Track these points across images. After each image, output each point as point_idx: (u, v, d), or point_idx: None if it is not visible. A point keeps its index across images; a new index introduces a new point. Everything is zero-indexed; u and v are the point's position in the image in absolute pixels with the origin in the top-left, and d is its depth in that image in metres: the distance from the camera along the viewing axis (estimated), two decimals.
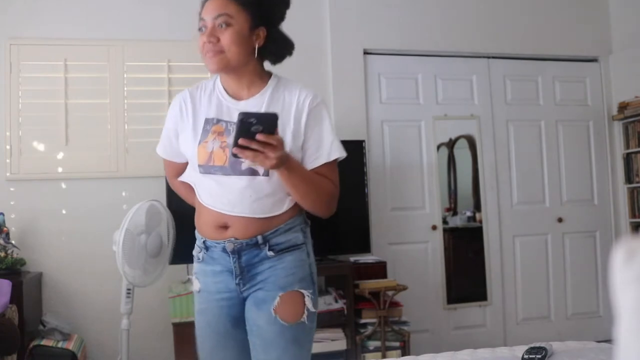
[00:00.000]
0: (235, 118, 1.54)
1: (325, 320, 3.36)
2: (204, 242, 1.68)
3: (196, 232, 1.73)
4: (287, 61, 4.19)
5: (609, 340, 2.09)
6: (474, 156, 4.28)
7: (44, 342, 2.99)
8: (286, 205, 1.65)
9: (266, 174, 1.60)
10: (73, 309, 3.44)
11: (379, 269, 3.57)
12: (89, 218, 3.51)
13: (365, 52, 4.05)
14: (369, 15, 4.04)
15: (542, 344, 1.87)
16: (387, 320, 3.39)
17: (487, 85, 4.30)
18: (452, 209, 4.30)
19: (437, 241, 4.12)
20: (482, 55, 4.30)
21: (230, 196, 1.60)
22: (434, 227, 4.11)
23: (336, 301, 3.41)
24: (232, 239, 1.62)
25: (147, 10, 3.67)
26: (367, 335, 3.38)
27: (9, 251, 3.21)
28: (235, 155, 1.47)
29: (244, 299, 1.67)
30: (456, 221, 4.29)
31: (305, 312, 1.65)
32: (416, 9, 4.14)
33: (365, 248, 3.66)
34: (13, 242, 3.28)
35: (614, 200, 4.48)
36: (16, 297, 2.86)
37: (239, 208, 1.61)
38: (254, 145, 1.43)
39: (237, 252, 1.63)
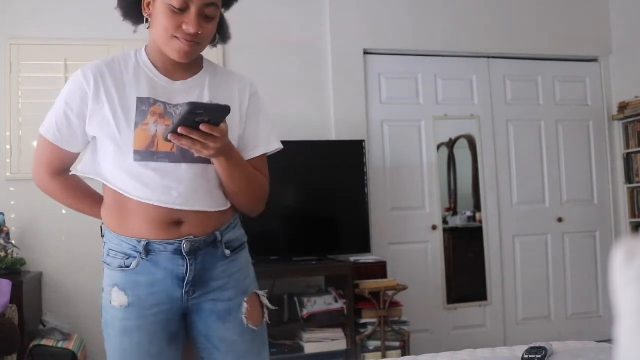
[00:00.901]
0: (173, 100, 1.43)
1: (325, 320, 3.36)
2: (145, 245, 1.40)
3: (116, 235, 1.44)
4: (288, 61, 4.20)
5: (609, 340, 2.09)
6: (474, 156, 4.28)
7: (44, 342, 2.99)
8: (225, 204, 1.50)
9: None
10: (73, 309, 3.44)
11: (379, 269, 3.57)
12: (89, 218, 3.50)
13: (365, 52, 4.05)
14: (369, 15, 4.04)
15: (542, 344, 1.87)
16: (387, 320, 3.39)
17: (487, 85, 4.30)
18: (452, 209, 4.30)
19: (437, 241, 4.12)
20: (482, 55, 4.30)
21: (181, 187, 1.39)
22: (434, 227, 4.11)
23: (336, 301, 3.41)
24: (191, 237, 1.41)
25: None
26: (367, 335, 3.38)
27: (9, 251, 3.21)
28: (167, 140, 1.32)
29: (186, 310, 1.46)
30: (456, 221, 4.29)
31: (266, 311, 1.54)
32: (416, 9, 4.14)
33: (365, 248, 3.66)
34: (13, 242, 3.28)
35: (614, 200, 4.49)
36: (16, 297, 2.86)
37: (192, 201, 1.40)
38: (195, 136, 1.27)
39: (194, 253, 1.42)
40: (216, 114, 1.28)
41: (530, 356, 1.79)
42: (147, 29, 1.46)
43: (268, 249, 3.45)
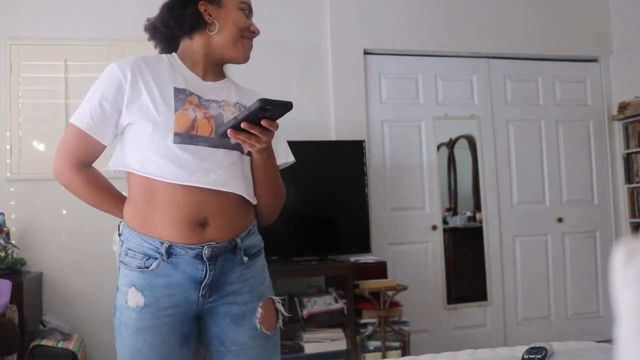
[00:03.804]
0: (204, 95, 1.49)
1: (325, 320, 3.36)
2: (167, 247, 1.40)
3: (137, 234, 1.43)
4: (288, 61, 4.20)
5: (609, 341, 2.09)
6: (474, 156, 4.28)
7: (44, 342, 2.99)
8: (254, 199, 1.52)
9: (249, 154, 1.49)
10: (73, 309, 3.44)
11: (379, 269, 3.57)
12: (89, 218, 3.49)
13: (365, 52, 4.05)
14: (369, 15, 4.04)
15: (542, 344, 1.87)
16: (387, 320, 3.39)
17: (487, 85, 4.30)
18: (452, 209, 4.30)
19: (437, 241, 4.12)
20: (482, 55, 4.30)
21: (220, 171, 1.41)
22: (434, 227, 4.11)
23: (336, 301, 3.41)
24: (213, 243, 1.41)
25: (147, 10, 3.66)
26: (367, 335, 3.38)
27: (9, 251, 3.21)
28: (223, 135, 1.38)
29: (200, 312, 1.46)
30: (456, 221, 4.29)
31: (281, 317, 1.56)
32: (416, 9, 4.14)
33: (365, 248, 3.66)
34: (13, 242, 3.28)
35: (614, 200, 4.48)
36: (16, 297, 2.86)
37: (232, 185, 1.42)
38: (255, 130, 1.34)
39: (214, 259, 1.43)
40: (280, 109, 1.34)
41: (530, 356, 1.79)
42: (211, 32, 1.52)
43: (268, 249, 3.40)
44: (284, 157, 1.60)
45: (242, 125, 1.32)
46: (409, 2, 4.14)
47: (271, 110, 1.33)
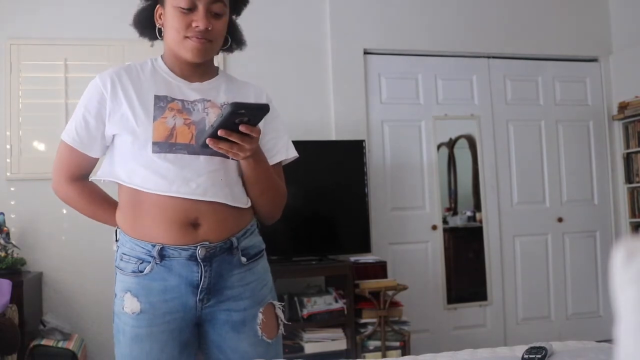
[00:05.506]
0: (189, 97, 1.45)
1: (325, 320, 3.36)
2: (160, 250, 1.39)
3: (130, 239, 1.43)
4: (288, 61, 4.20)
5: (609, 340, 2.09)
6: (474, 156, 4.28)
7: (44, 342, 2.99)
8: (249, 200, 1.49)
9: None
10: (73, 309, 3.45)
11: (379, 269, 3.57)
12: (89, 218, 3.51)
13: (365, 52, 4.05)
14: (369, 15, 4.04)
15: (542, 344, 1.87)
16: (387, 320, 3.39)
17: (487, 85, 4.30)
18: (452, 209, 4.30)
19: (437, 241, 4.12)
20: (482, 55, 4.30)
21: (200, 179, 1.39)
22: (434, 227, 4.11)
23: (336, 301, 3.41)
24: (206, 243, 1.39)
25: None
26: (367, 335, 3.38)
27: (9, 251, 3.21)
28: (204, 146, 1.33)
29: (199, 319, 1.44)
30: (456, 221, 4.29)
31: (281, 323, 1.53)
32: (416, 9, 4.14)
33: (365, 248, 3.66)
34: (13, 242, 3.28)
35: (614, 200, 4.48)
36: (16, 296, 2.86)
37: (212, 193, 1.39)
38: (234, 138, 1.30)
39: (208, 260, 1.40)
40: (256, 112, 1.29)
41: (530, 356, 1.79)
42: (161, 39, 1.51)
43: (268, 249, 3.41)
44: (284, 152, 1.56)
45: (219, 132, 1.29)
46: (409, 2, 4.14)
47: (247, 114, 1.27)
